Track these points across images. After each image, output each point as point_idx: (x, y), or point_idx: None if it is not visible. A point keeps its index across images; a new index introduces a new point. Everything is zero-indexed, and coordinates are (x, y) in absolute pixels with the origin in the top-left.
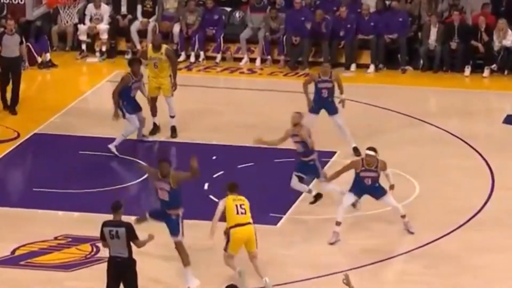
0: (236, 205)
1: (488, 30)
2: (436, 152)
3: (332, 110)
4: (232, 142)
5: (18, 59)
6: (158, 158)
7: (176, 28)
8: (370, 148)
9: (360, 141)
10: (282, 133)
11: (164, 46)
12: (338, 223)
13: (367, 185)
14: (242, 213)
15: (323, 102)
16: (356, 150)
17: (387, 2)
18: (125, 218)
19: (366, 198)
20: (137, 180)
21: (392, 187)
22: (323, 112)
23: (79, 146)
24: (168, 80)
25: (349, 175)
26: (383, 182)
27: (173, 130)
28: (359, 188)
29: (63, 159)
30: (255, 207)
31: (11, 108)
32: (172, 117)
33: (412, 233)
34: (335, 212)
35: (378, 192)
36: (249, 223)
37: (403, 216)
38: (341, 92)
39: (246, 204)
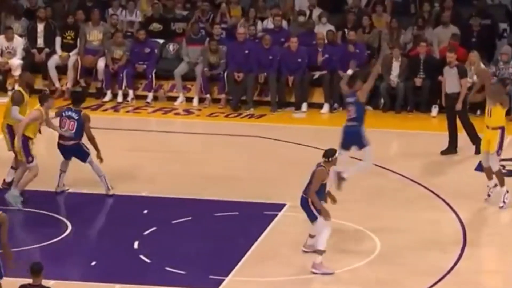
0: None
1: None
2: (399, 204)
3: None
4: (165, 194)
5: None
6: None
7: (101, 63)
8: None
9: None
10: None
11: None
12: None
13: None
14: None
15: None
16: None
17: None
18: (45, 282)
19: None
20: (57, 239)
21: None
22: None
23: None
24: None
25: None
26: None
27: None
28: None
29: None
30: (192, 267)
31: None
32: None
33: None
34: (285, 274)
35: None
36: None
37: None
38: None
39: None
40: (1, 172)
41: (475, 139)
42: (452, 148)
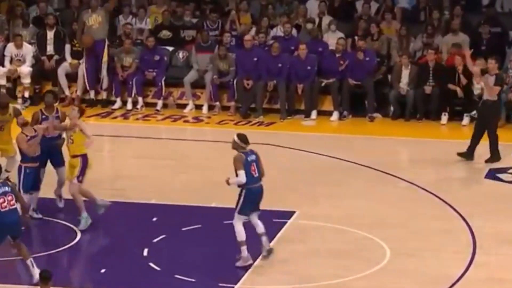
0: None
1: (467, 72)
2: (408, 211)
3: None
4: (175, 201)
5: None
6: None
7: (104, 58)
8: (238, 134)
9: (320, 200)
10: (232, 190)
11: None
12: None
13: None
14: None
15: None
16: None
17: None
18: None
19: None
20: (66, 246)
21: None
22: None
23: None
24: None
25: None
26: None
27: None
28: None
29: None
30: (202, 275)
31: None
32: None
33: None
34: (294, 282)
35: None
36: None
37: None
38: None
39: None
40: None
41: (494, 152)
42: (470, 153)
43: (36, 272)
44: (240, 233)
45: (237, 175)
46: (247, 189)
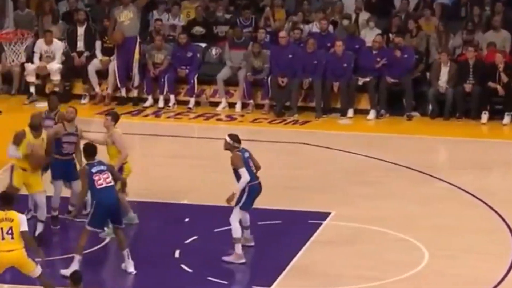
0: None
1: (508, 69)
2: (447, 212)
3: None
4: (207, 202)
5: None
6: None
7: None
8: (230, 135)
9: (357, 200)
10: (265, 190)
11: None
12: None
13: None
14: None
15: None
16: None
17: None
18: None
19: None
20: (96, 247)
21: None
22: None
23: (24, 207)
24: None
25: None
26: None
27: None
28: None
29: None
30: (234, 277)
31: None
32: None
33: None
34: (329, 285)
35: None
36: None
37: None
38: None
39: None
40: None
41: None
42: None
43: (130, 264)
44: (237, 230)
45: (237, 177)
46: (250, 186)
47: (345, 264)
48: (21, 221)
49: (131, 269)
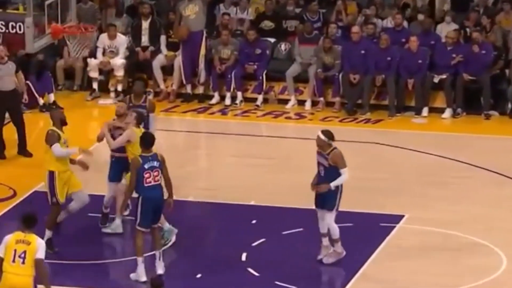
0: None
1: None
2: None
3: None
4: (275, 203)
5: (15, 92)
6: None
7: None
8: (323, 131)
9: (431, 203)
10: None
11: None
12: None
13: (321, 175)
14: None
15: None
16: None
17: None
18: None
19: None
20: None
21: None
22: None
23: (88, 206)
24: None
25: None
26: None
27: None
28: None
29: (68, 222)
30: (304, 282)
31: (23, 152)
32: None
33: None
34: None
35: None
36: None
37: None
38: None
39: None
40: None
41: None
42: None
43: (160, 265)
44: (336, 230)
45: (330, 175)
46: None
47: (417, 269)
48: (38, 247)
49: (160, 271)
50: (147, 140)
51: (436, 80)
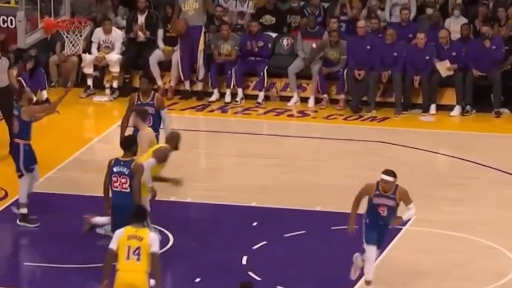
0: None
1: None
2: None
3: None
4: (277, 204)
5: (7, 89)
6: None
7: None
8: (386, 172)
9: (440, 204)
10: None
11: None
12: (368, 282)
13: (382, 215)
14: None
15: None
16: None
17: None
18: None
19: None
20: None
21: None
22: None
23: (83, 208)
24: None
25: None
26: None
27: None
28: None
29: (63, 225)
30: (306, 286)
31: None
32: None
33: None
34: None
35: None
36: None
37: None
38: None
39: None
40: None
41: None
42: None
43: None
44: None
45: (391, 212)
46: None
47: (425, 272)
48: (151, 241)
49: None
50: (124, 143)
51: (444, 76)
